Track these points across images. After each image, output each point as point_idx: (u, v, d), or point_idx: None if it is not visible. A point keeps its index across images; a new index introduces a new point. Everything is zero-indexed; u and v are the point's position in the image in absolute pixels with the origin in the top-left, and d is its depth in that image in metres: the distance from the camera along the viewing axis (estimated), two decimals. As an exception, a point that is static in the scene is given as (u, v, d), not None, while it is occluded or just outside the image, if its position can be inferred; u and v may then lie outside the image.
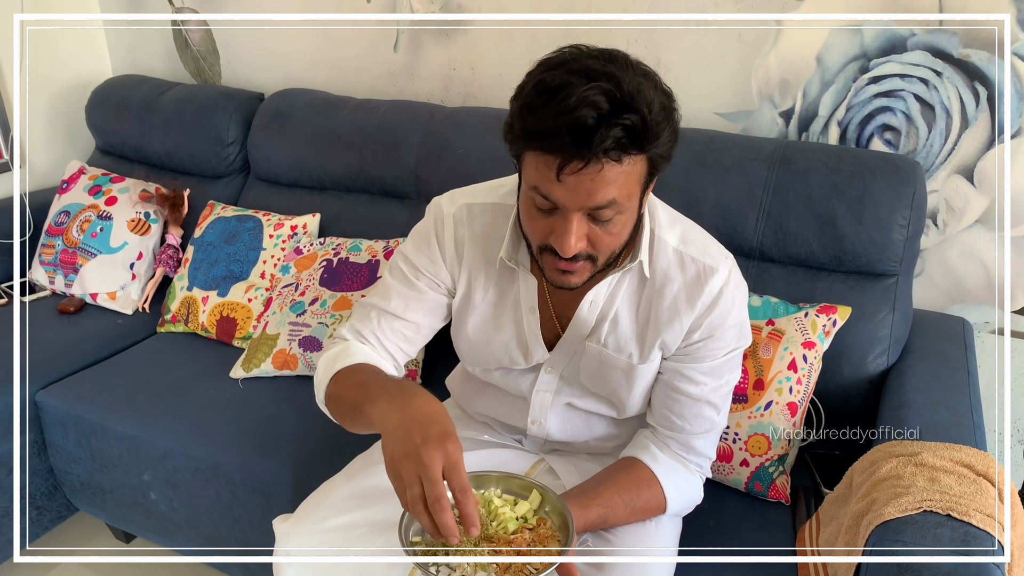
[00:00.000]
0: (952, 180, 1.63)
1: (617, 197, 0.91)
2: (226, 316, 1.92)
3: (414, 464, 0.84)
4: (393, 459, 0.87)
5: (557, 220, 0.94)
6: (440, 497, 0.83)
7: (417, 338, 1.21)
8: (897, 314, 1.52)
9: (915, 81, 1.60)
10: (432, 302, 1.19)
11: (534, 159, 0.91)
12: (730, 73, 1.76)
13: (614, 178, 0.89)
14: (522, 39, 1.94)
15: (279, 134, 2.12)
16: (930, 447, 1.16)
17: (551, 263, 0.99)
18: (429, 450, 0.84)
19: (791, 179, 1.54)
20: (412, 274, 1.17)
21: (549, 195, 0.91)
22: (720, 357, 1.12)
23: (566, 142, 0.85)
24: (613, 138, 0.85)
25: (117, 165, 2.38)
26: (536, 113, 0.87)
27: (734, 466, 1.41)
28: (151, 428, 1.63)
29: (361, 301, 1.22)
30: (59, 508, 1.88)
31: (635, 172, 0.91)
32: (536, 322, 1.15)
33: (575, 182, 0.88)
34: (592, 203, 0.90)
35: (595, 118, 0.84)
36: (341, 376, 1.08)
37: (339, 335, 1.19)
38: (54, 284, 2.14)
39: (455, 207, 1.16)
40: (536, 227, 0.98)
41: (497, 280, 1.16)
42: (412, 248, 1.18)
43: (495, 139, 1.79)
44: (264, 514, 1.52)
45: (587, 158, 0.86)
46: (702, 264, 1.08)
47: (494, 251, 1.14)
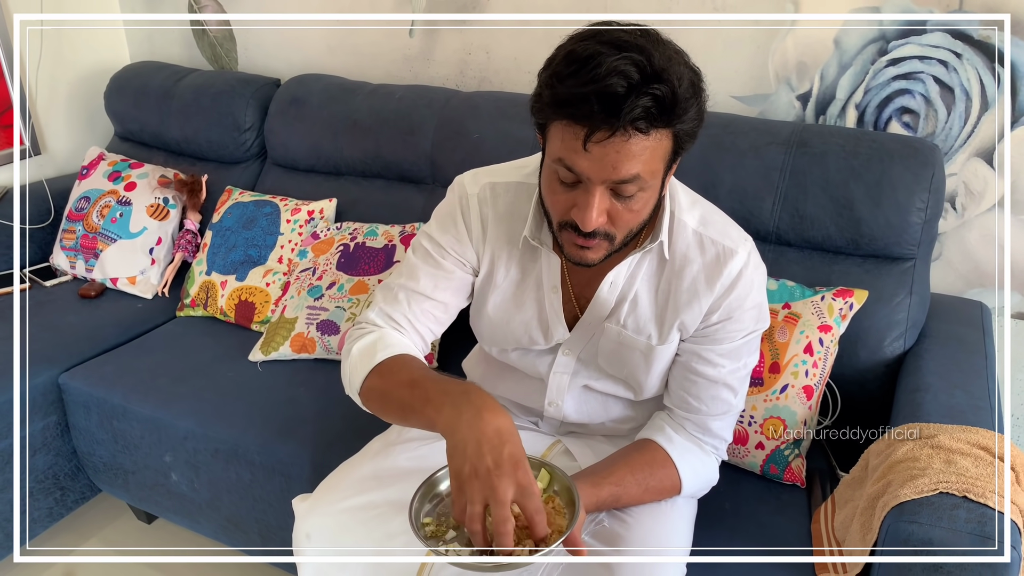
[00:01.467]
0: (971, 163, 1.62)
1: (641, 172, 0.91)
2: (244, 300, 1.94)
3: (484, 487, 0.86)
4: (461, 475, 0.88)
5: (579, 194, 0.95)
6: (507, 520, 0.85)
7: (445, 318, 1.21)
8: (914, 298, 1.52)
9: (934, 63, 1.58)
10: (459, 281, 1.19)
11: (560, 130, 0.91)
12: (747, 56, 1.75)
13: (639, 152, 0.89)
14: (537, 26, 1.94)
15: (296, 120, 2.13)
16: (946, 429, 1.16)
17: (570, 239, 1.00)
18: (502, 478, 0.86)
19: (808, 162, 1.54)
20: (438, 253, 1.17)
21: (574, 166, 0.91)
22: (738, 339, 1.13)
23: (594, 110, 0.85)
24: (642, 107, 0.85)
25: (136, 151, 2.40)
26: (565, 82, 0.87)
27: (749, 449, 1.41)
28: (172, 410, 1.65)
29: (385, 283, 1.21)
30: (82, 489, 1.91)
31: (660, 148, 0.91)
32: (558, 301, 1.15)
33: (601, 153, 0.89)
34: (616, 176, 0.91)
35: (624, 87, 0.84)
36: (384, 370, 1.07)
37: (368, 320, 1.17)
38: (75, 269, 2.17)
39: (478, 187, 1.16)
40: (558, 201, 0.98)
41: (520, 259, 1.16)
42: (437, 228, 1.18)
43: (511, 123, 1.82)
44: (284, 495, 1.54)
45: (614, 127, 0.86)
46: (722, 246, 1.09)
47: (517, 230, 1.14)
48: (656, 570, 1.05)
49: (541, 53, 0.94)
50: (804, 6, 1.65)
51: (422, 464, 1.17)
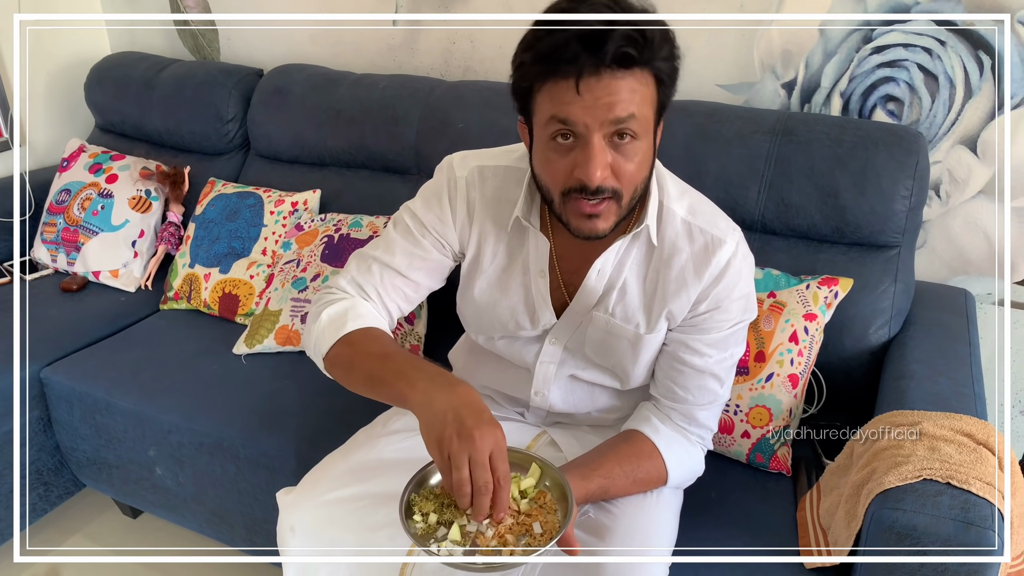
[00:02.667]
0: (955, 151, 1.62)
1: (636, 113, 0.91)
2: (228, 293, 1.93)
3: (467, 445, 0.87)
4: (442, 438, 0.88)
5: (579, 153, 0.94)
6: (488, 483, 0.87)
7: (415, 297, 1.21)
8: (899, 286, 1.52)
9: (919, 51, 1.58)
10: (435, 262, 1.19)
11: (548, 90, 0.92)
12: (732, 45, 1.74)
13: (629, 93, 0.90)
14: (522, 10, 1.92)
15: (279, 110, 2.11)
16: (931, 416, 1.16)
17: (576, 208, 0.98)
18: (483, 433, 0.87)
19: (793, 151, 1.53)
20: (418, 231, 1.17)
21: (569, 116, 0.91)
22: (725, 329, 1.13)
23: (579, 51, 0.87)
24: (622, 35, 0.87)
25: (117, 143, 2.37)
26: (543, 39, 0.89)
27: (735, 438, 1.41)
28: (155, 404, 1.64)
29: (361, 252, 1.20)
30: (66, 484, 1.89)
31: (647, 92, 0.92)
32: (546, 285, 1.14)
33: (593, 97, 0.89)
34: (612, 114, 0.90)
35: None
36: (354, 339, 1.08)
37: (338, 286, 1.17)
38: (56, 262, 2.15)
39: (467, 170, 1.15)
40: (558, 169, 0.97)
41: (507, 243, 1.16)
42: (421, 205, 1.18)
43: (496, 113, 1.81)
44: (269, 488, 1.53)
45: (601, 63, 0.88)
46: (710, 235, 1.09)
47: (505, 214, 1.14)
48: (642, 564, 1.05)
49: (526, 42, 0.94)
50: (788, 4, 1.66)
51: (407, 456, 1.17)
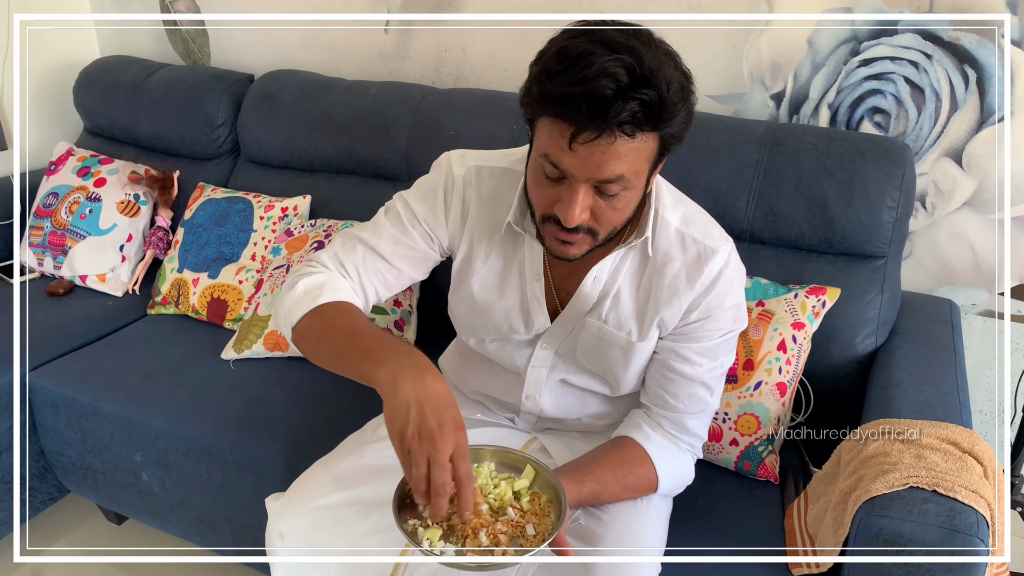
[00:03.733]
0: (941, 163, 1.64)
1: (625, 173, 0.92)
2: (217, 298, 1.92)
3: (428, 446, 0.86)
4: (404, 435, 0.88)
5: (563, 190, 0.95)
6: (445, 483, 0.86)
7: (395, 284, 1.20)
8: (885, 295, 1.53)
9: (905, 64, 1.61)
10: (420, 254, 1.18)
11: (548, 126, 0.92)
12: (722, 56, 1.76)
13: (624, 153, 0.90)
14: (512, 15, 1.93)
15: (269, 116, 2.11)
16: (916, 424, 1.17)
17: (552, 232, 1.00)
18: (445, 437, 0.86)
19: (781, 161, 1.55)
20: (409, 221, 1.16)
21: (559, 163, 0.92)
22: (716, 338, 1.13)
23: (582, 110, 0.86)
24: (629, 112, 0.86)
25: (106, 147, 2.36)
26: (555, 79, 0.88)
27: (724, 445, 1.42)
28: (142, 409, 1.63)
29: (348, 231, 1.20)
30: (50, 490, 1.88)
31: (646, 150, 0.92)
32: (541, 289, 1.15)
33: (586, 152, 0.89)
34: (600, 175, 0.91)
35: (613, 90, 0.85)
36: (327, 312, 1.06)
37: (319, 259, 1.16)
38: (43, 266, 2.13)
39: (465, 168, 1.16)
40: (542, 195, 0.98)
41: (501, 246, 1.16)
42: (416, 196, 1.18)
43: (487, 120, 1.81)
44: (257, 494, 1.52)
45: (601, 129, 0.87)
46: (703, 245, 1.09)
47: (500, 216, 1.14)
48: (632, 569, 1.06)
49: (517, 51, 0.95)
50: (780, 6, 1.67)
51: (396, 462, 1.15)
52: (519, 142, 1.72)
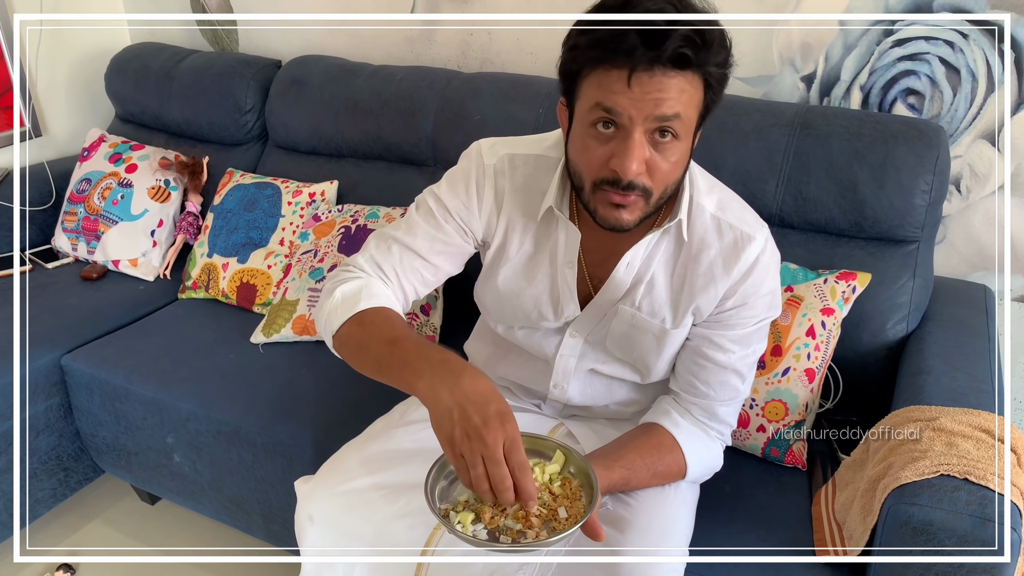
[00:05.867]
0: (976, 145, 1.61)
1: (681, 113, 0.91)
2: (246, 282, 1.94)
3: (477, 445, 0.86)
4: (452, 439, 0.87)
5: (618, 144, 0.94)
6: (506, 478, 0.86)
7: (433, 280, 1.20)
8: (918, 281, 1.51)
9: (940, 44, 1.57)
10: (456, 248, 1.18)
11: (598, 76, 0.91)
12: (751, 38, 1.73)
13: (679, 93, 0.90)
14: (541, 2, 1.92)
15: (296, 101, 2.12)
16: (948, 412, 1.16)
17: (605, 198, 0.98)
18: (491, 431, 0.86)
19: (812, 144, 1.53)
20: (442, 215, 1.16)
21: (615, 106, 0.91)
22: (751, 326, 1.13)
23: (636, 43, 0.86)
24: (682, 36, 0.86)
25: (137, 133, 2.39)
26: (603, 24, 0.88)
27: (751, 432, 1.41)
28: (174, 392, 1.66)
29: (381, 231, 1.19)
30: (86, 470, 1.92)
31: (696, 94, 0.93)
32: (573, 276, 1.14)
33: (642, 91, 0.89)
34: (659, 111, 0.90)
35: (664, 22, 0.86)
36: (366, 319, 1.05)
37: (356, 264, 1.16)
38: (76, 251, 2.17)
39: (496, 157, 1.15)
40: (594, 157, 0.96)
41: (535, 232, 1.15)
42: (447, 189, 1.17)
43: (513, 105, 1.81)
44: (286, 476, 1.55)
45: (656, 60, 0.87)
46: (739, 231, 1.08)
47: (534, 203, 1.13)
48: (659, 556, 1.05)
49: (543, 34, 0.94)
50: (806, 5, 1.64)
51: (425, 446, 1.17)
52: (545, 126, 1.71)
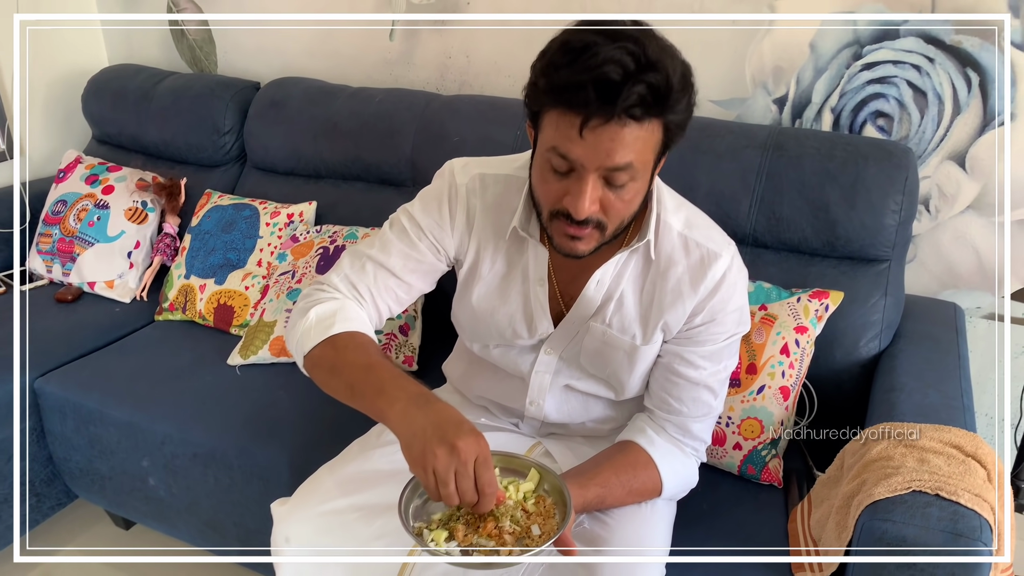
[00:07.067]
0: (944, 166, 1.64)
1: (634, 161, 0.92)
2: (223, 304, 1.93)
3: (452, 458, 0.87)
4: (425, 454, 0.88)
5: (572, 182, 0.95)
6: (470, 491, 0.88)
7: (406, 299, 1.21)
8: (889, 299, 1.53)
9: (908, 67, 1.61)
10: (429, 266, 1.19)
11: (555, 118, 0.92)
12: (725, 60, 1.76)
13: (632, 140, 0.91)
14: (518, 27, 1.94)
15: (275, 123, 2.12)
16: (920, 428, 1.17)
17: (561, 229, 1.00)
18: (466, 443, 0.87)
19: (784, 165, 1.55)
20: (415, 234, 1.17)
21: (568, 154, 0.92)
22: (720, 342, 1.14)
23: (591, 97, 0.87)
24: (637, 95, 0.87)
25: (114, 154, 2.38)
26: (561, 70, 0.89)
27: (727, 449, 1.42)
28: (150, 414, 1.64)
29: (354, 249, 1.20)
30: (58, 495, 1.89)
31: (652, 139, 0.93)
32: (544, 294, 1.15)
33: (596, 140, 0.90)
34: (610, 162, 0.92)
35: (620, 75, 0.86)
36: (339, 343, 1.06)
37: (330, 283, 1.16)
38: (51, 273, 2.15)
39: (468, 177, 1.16)
40: (550, 190, 0.98)
41: (506, 251, 1.17)
42: (420, 208, 1.18)
43: (491, 126, 1.82)
44: (263, 499, 1.52)
45: (610, 114, 0.88)
46: (706, 249, 1.10)
47: (505, 222, 1.14)
48: (636, 571, 1.06)
49: (521, 56, 0.95)
50: (783, 7, 1.67)
51: (401, 467, 1.15)
52: (523, 147, 1.72)
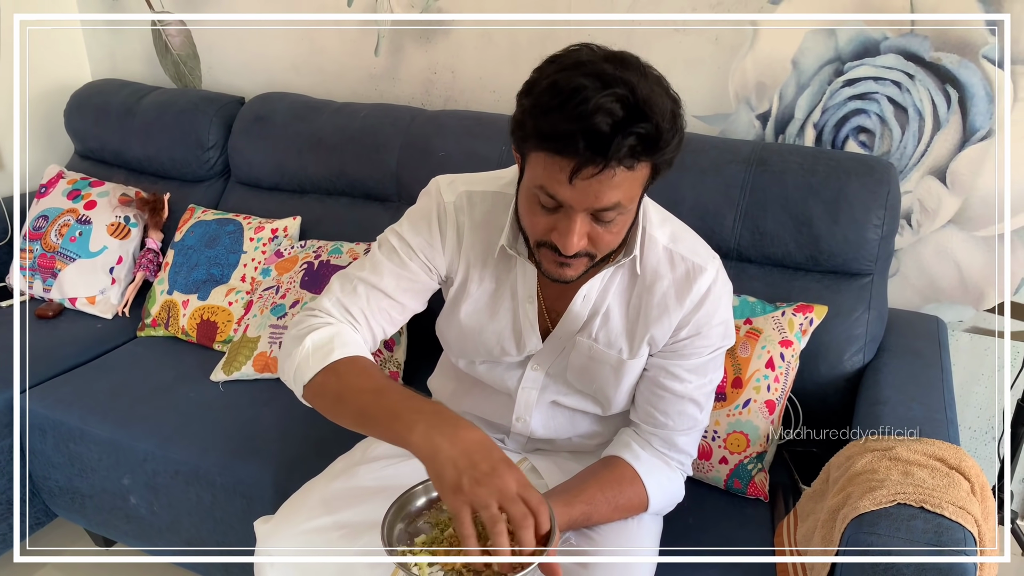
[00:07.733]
0: (925, 181, 1.66)
1: (622, 200, 0.93)
2: (206, 320, 1.92)
3: (492, 489, 0.86)
4: (461, 488, 0.86)
5: (560, 218, 0.95)
6: (526, 514, 0.86)
7: (400, 320, 1.19)
8: (872, 313, 1.54)
9: (888, 84, 1.63)
10: (422, 285, 1.18)
11: (543, 160, 0.91)
12: (708, 76, 1.78)
13: (621, 182, 0.90)
14: (503, 42, 1.95)
15: (260, 138, 2.12)
16: (904, 442, 1.18)
17: (549, 257, 1.00)
18: (503, 475, 0.87)
19: (768, 180, 1.56)
20: (406, 254, 1.16)
21: (556, 195, 0.92)
22: (705, 355, 1.14)
23: (580, 147, 0.86)
24: (628, 147, 0.86)
25: (96, 169, 2.36)
26: (550, 115, 0.87)
27: (713, 464, 1.42)
28: (131, 432, 1.62)
29: (344, 272, 1.18)
30: (37, 514, 1.86)
31: (640, 177, 0.93)
32: (534, 311, 1.15)
33: (585, 186, 0.90)
34: (599, 205, 0.92)
35: (610, 125, 0.85)
36: (341, 369, 1.04)
37: (323, 308, 1.14)
38: (32, 289, 2.13)
39: (455, 194, 1.15)
40: (537, 223, 0.98)
41: (494, 269, 1.16)
42: (409, 228, 1.17)
43: (476, 142, 1.83)
44: (245, 516, 1.51)
45: (601, 165, 0.87)
46: (691, 263, 1.10)
47: (493, 240, 1.14)
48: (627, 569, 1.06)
49: (506, 72, 0.95)
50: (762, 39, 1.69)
51: (387, 484, 1.16)
52: (508, 162, 1.72)
